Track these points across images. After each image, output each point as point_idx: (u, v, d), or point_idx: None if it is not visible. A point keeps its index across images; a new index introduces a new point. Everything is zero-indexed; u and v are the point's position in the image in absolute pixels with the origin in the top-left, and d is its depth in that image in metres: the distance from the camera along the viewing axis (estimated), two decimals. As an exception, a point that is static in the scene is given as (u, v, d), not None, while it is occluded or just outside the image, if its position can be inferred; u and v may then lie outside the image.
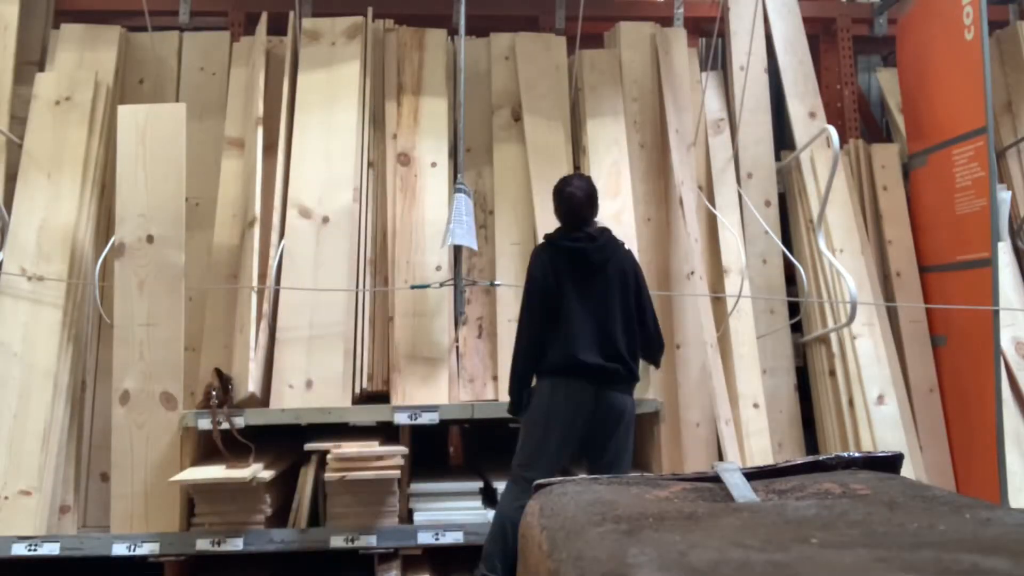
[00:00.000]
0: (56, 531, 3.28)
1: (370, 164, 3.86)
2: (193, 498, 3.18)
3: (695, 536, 1.19)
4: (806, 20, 4.50)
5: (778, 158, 4.37)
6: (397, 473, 3.17)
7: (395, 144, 3.90)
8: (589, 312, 2.93)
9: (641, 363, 3.07)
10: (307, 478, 3.20)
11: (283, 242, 3.57)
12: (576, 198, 3.03)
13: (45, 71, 3.97)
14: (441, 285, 3.57)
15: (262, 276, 3.49)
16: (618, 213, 3.84)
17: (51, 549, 3.09)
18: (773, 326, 4.06)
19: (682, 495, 1.51)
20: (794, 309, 4.14)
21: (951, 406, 3.91)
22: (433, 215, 3.74)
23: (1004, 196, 4.00)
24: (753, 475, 1.59)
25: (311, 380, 3.37)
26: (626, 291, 3.00)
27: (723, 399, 3.64)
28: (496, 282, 3.71)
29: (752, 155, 4.28)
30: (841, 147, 3.80)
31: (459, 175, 3.67)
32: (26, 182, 3.65)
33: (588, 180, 3.13)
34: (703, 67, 4.52)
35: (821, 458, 1.70)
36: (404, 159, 3.86)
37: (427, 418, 3.24)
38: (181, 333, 3.35)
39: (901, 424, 3.75)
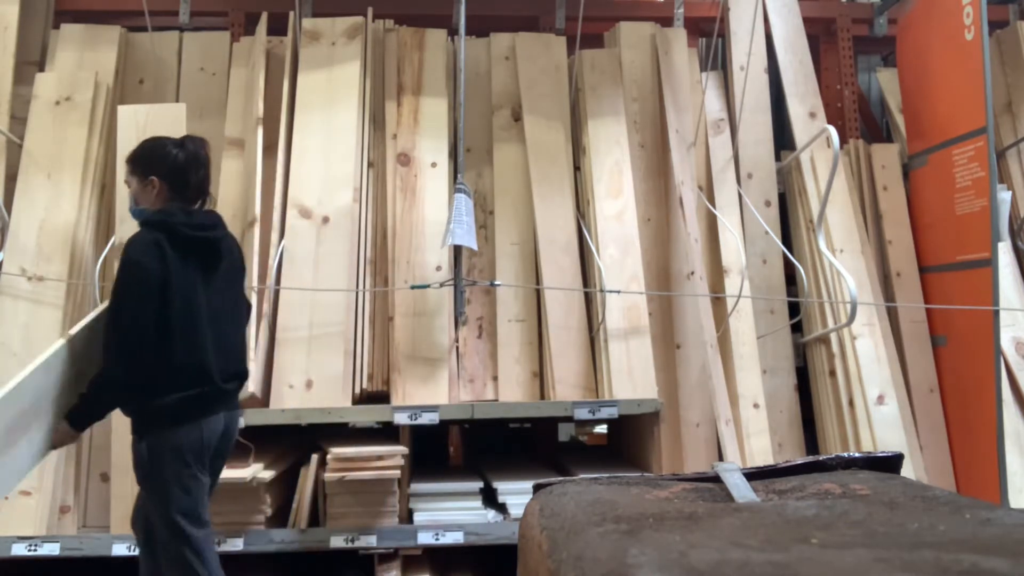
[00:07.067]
0: (56, 531, 3.28)
1: (370, 164, 3.86)
2: (193, 498, 3.17)
3: (695, 536, 1.19)
4: (806, 20, 4.50)
5: (778, 158, 4.36)
6: (397, 473, 3.17)
7: (395, 144, 3.89)
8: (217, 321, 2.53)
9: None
10: (307, 478, 3.20)
11: (283, 242, 3.57)
12: (200, 158, 2.54)
13: (45, 71, 3.97)
14: (441, 285, 3.57)
15: (262, 276, 3.49)
16: (620, 213, 3.85)
17: (51, 549, 3.09)
18: (773, 326, 4.06)
19: (682, 495, 1.51)
20: (794, 309, 4.14)
21: (951, 406, 3.91)
22: (433, 215, 3.74)
23: (1004, 196, 4.00)
24: (753, 475, 1.59)
25: (311, 380, 3.37)
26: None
27: (723, 399, 3.64)
28: (496, 282, 3.71)
29: (752, 155, 4.28)
30: (841, 147, 3.80)
31: (459, 175, 3.67)
32: (26, 182, 3.65)
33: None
34: (703, 67, 4.52)
35: (821, 458, 1.70)
36: (404, 159, 3.86)
37: (427, 418, 3.24)
38: (181, 333, 3.35)
39: (901, 424, 3.75)
